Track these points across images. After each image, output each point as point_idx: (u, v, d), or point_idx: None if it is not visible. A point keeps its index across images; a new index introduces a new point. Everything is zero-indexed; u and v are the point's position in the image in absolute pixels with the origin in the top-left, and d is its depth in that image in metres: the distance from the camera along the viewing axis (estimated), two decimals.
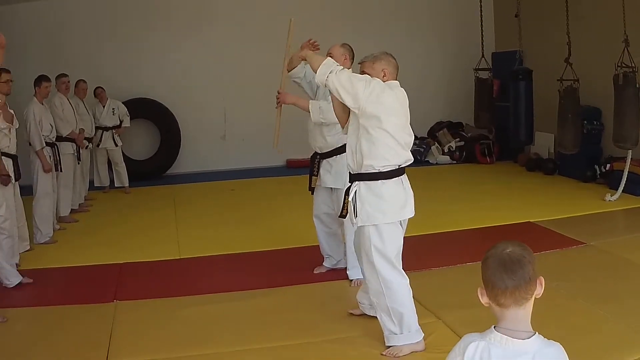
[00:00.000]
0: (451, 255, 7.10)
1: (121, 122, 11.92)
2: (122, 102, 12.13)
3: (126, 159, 12.36)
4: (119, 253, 7.78)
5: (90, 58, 12.87)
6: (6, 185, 6.68)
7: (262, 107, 10.32)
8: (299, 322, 5.48)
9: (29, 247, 7.94)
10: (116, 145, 11.85)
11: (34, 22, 12.99)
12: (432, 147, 14.34)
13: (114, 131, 11.79)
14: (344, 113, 4.90)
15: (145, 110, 13.35)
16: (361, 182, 4.73)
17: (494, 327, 2.34)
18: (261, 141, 11.92)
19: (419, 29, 14.61)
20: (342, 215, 5.04)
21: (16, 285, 6.60)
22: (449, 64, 14.79)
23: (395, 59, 4.85)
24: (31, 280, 6.77)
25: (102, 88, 11.72)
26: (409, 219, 4.85)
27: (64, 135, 9.38)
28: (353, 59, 6.01)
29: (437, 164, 14.04)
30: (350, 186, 4.83)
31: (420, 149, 14.02)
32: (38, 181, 8.46)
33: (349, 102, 4.63)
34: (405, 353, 4.75)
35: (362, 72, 4.80)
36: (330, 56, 5.25)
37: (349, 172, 4.89)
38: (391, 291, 4.74)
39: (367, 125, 4.62)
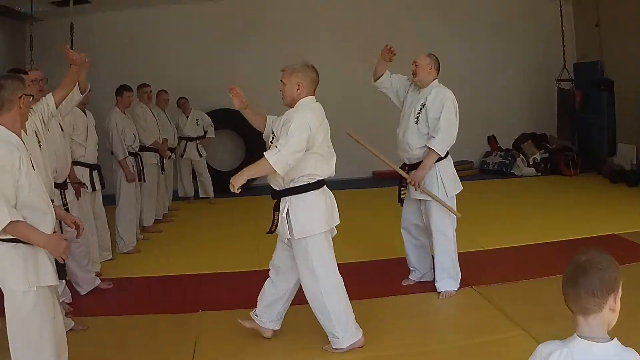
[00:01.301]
0: (537, 267, 6.84)
1: (205, 132, 11.93)
2: (206, 113, 12.11)
3: (211, 169, 12.37)
4: (201, 263, 7.69)
5: (173, 68, 12.89)
6: (78, 196, 6.65)
7: (348, 119, 10.15)
8: (384, 334, 5.34)
9: (110, 257, 7.92)
10: (200, 155, 11.88)
11: (114, 32, 13.17)
12: (517, 159, 13.99)
13: (198, 142, 11.80)
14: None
15: (230, 121, 13.22)
16: (291, 196, 4.85)
17: (576, 334, 2.37)
18: (347, 153, 11.73)
19: (501, 39, 14.18)
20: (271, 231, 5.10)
21: (91, 291, 6.63)
22: (531, 75, 14.36)
23: (315, 72, 4.98)
24: (110, 285, 6.81)
25: (185, 98, 11.77)
26: None
27: (147, 145, 9.35)
28: (439, 69, 6.07)
29: (522, 176, 13.69)
30: (278, 202, 4.95)
31: (506, 161, 13.80)
32: (121, 191, 8.48)
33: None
34: (345, 349, 4.98)
35: (280, 81, 5.01)
36: (415, 65, 5.83)
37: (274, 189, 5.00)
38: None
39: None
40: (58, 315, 4.14)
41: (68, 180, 6.47)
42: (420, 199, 6.14)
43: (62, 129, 6.22)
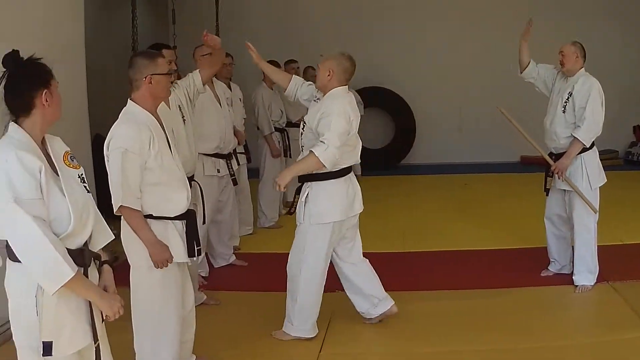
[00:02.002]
0: None
1: None
2: (356, 91, 12.00)
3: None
4: None
5: (321, 45, 12.78)
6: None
7: (498, 100, 9.82)
8: (515, 326, 5.18)
9: (251, 231, 8.01)
10: None
11: (259, 6, 13.35)
12: None
13: None
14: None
15: (380, 99, 13.21)
16: (313, 182, 4.87)
17: None
18: (496, 135, 11.46)
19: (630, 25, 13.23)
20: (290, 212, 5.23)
21: (227, 265, 6.78)
22: None
23: (350, 61, 4.88)
24: (245, 264, 6.87)
25: None
26: None
27: (293, 121, 9.33)
28: (585, 57, 5.94)
29: None
30: (301, 186, 4.96)
31: None
32: (265, 165, 8.55)
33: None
34: (288, 339, 5.01)
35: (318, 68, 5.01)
36: (562, 54, 5.77)
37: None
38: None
39: None
40: (187, 290, 4.16)
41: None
42: (565, 189, 6.00)
43: (219, 104, 6.46)
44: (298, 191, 4.99)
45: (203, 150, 5.95)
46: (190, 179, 5.15)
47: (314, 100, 5.05)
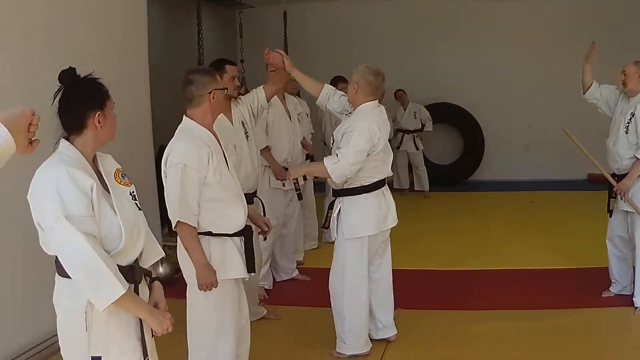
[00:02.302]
0: None
1: (423, 125, 11.82)
2: (424, 106, 11.98)
3: (427, 163, 12.27)
4: (410, 259, 7.48)
5: (390, 61, 12.74)
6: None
7: (566, 116, 9.83)
8: (576, 348, 5.12)
9: (315, 246, 8.04)
10: (417, 148, 11.82)
11: (328, 22, 13.41)
12: None
13: (415, 135, 11.70)
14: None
15: (448, 115, 13.11)
16: (345, 197, 4.87)
17: None
18: (563, 153, 11.24)
19: None
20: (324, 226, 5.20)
21: (290, 280, 6.84)
22: None
23: (375, 75, 4.86)
24: (308, 278, 6.90)
25: (403, 91, 11.76)
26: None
27: None
28: None
29: None
30: (334, 200, 4.97)
31: None
32: None
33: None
34: (344, 358, 4.97)
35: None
36: (624, 74, 5.68)
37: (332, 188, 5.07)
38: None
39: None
40: (243, 305, 4.16)
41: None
42: (627, 211, 5.93)
43: (290, 119, 6.54)
44: (331, 206, 4.98)
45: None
46: (253, 194, 5.21)
47: (346, 114, 5.05)
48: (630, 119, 5.73)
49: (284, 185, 6.41)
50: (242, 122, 5.30)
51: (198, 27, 9.36)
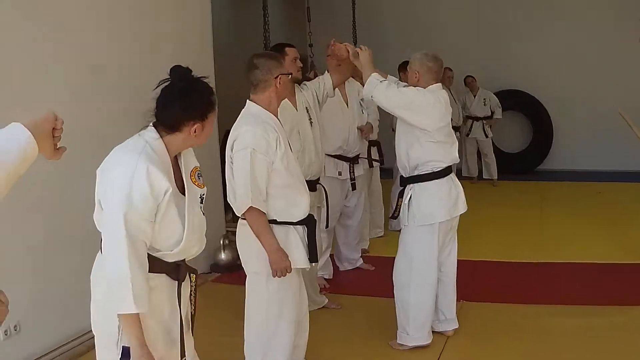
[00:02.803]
0: None
1: (492, 113, 11.64)
2: (494, 93, 11.77)
3: (496, 151, 12.10)
4: (474, 249, 7.30)
5: (460, 46, 12.58)
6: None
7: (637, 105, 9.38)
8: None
9: (382, 234, 7.94)
10: (486, 136, 11.65)
11: (397, 6, 13.22)
12: None
13: (484, 122, 11.55)
14: None
15: (518, 102, 12.89)
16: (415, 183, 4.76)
17: None
18: (633, 143, 10.87)
19: None
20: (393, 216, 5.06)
21: (353, 269, 6.76)
22: None
23: (435, 61, 4.78)
24: (372, 268, 6.81)
25: (472, 77, 11.58)
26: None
27: None
28: None
29: None
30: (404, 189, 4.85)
31: None
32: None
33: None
34: (405, 349, 4.87)
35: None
36: None
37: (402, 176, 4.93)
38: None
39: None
40: (303, 297, 4.11)
41: (360, 155, 6.63)
42: None
43: (347, 104, 6.37)
44: (401, 194, 4.87)
45: (325, 151, 5.89)
46: (316, 181, 5.14)
47: None
48: None
49: (340, 174, 6.31)
50: (307, 107, 5.22)
51: (264, 11, 9.27)
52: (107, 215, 2.67)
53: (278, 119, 3.96)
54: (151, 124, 2.79)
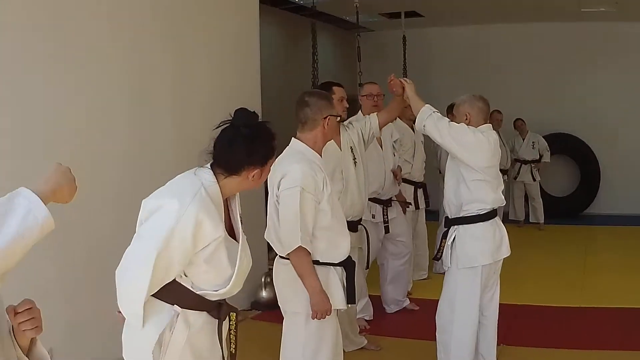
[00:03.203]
0: None
1: (541, 156, 11.58)
2: (542, 137, 11.67)
3: (543, 194, 12.00)
4: (516, 293, 7.22)
5: (507, 89, 12.52)
6: (404, 213, 6.73)
7: None
8: None
9: (425, 276, 7.90)
10: (534, 179, 11.60)
11: (448, 48, 13.34)
12: None
13: (532, 165, 11.46)
14: None
15: (565, 145, 12.82)
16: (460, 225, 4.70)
17: None
18: None
19: None
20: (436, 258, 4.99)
21: (398, 311, 6.70)
22: None
23: (482, 101, 4.80)
24: (417, 307, 6.80)
25: (522, 120, 11.56)
26: None
27: None
28: None
29: None
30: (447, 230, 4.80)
31: None
32: None
33: None
34: None
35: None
36: None
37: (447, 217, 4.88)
38: None
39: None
40: (338, 337, 4.05)
41: (393, 198, 6.53)
42: None
43: (381, 147, 6.28)
44: (444, 236, 4.82)
45: None
46: (358, 222, 5.12)
47: None
48: None
49: (373, 217, 6.26)
50: (351, 147, 5.20)
51: (313, 49, 9.36)
52: (139, 240, 2.64)
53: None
54: (208, 165, 2.76)
